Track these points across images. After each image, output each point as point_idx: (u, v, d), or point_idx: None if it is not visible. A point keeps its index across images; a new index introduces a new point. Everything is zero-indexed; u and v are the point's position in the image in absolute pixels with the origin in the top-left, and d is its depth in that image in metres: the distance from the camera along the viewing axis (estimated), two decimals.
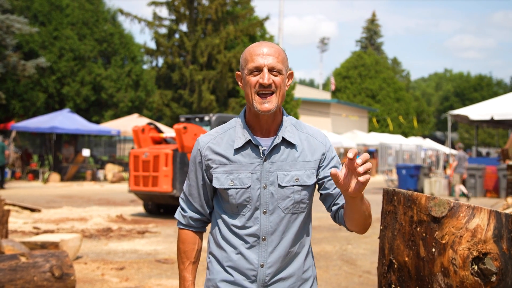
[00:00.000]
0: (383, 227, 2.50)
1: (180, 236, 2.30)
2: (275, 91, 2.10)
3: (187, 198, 2.30)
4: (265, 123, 2.17)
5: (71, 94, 29.78)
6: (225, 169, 2.16)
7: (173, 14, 35.35)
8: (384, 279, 2.51)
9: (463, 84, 76.31)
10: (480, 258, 2.17)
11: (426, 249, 2.27)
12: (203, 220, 2.30)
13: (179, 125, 11.95)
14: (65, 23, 30.49)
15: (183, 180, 12.03)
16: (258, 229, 2.14)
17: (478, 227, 2.18)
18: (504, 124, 23.09)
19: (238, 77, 2.22)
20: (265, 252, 2.14)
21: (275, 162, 2.15)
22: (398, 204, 2.38)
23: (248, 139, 2.15)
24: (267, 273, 2.14)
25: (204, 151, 2.20)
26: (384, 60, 63.98)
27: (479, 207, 2.18)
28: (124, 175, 25.32)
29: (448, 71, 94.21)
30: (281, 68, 2.11)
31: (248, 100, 2.14)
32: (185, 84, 34.07)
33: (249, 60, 2.12)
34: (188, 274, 2.26)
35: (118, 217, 12.06)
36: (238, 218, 2.16)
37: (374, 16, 71.39)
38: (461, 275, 2.18)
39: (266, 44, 2.15)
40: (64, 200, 15.87)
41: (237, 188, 2.14)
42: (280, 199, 2.14)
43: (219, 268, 2.19)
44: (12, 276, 4.62)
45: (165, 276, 6.59)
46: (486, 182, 19.41)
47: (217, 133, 2.24)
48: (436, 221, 2.25)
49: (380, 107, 53.37)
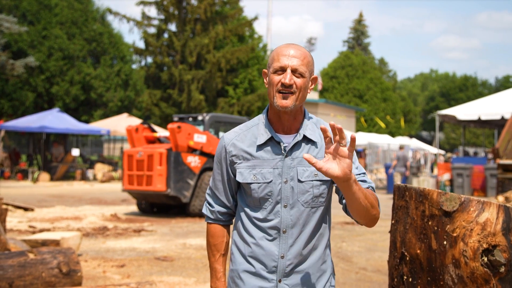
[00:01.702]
0: (395, 222, 2.62)
1: (209, 230, 2.42)
2: (295, 92, 2.18)
3: (213, 193, 2.42)
4: (286, 121, 2.27)
5: (60, 93, 29.71)
6: (248, 164, 2.27)
7: (162, 14, 35.34)
8: (396, 271, 2.63)
9: (448, 85, 76.92)
10: (490, 250, 2.26)
11: (438, 241, 2.36)
12: (230, 213, 2.42)
13: (173, 125, 12.03)
14: (54, 22, 30.39)
15: (177, 179, 12.12)
16: (279, 222, 2.24)
17: (487, 221, 2.28)
18: (491, 124, 23.43)
19: (264, 75, 2.31)
20: (285, 244, 2.24)
21: (295, 158, 2.25)
22: (410, 199, 2.49)
23: (270, 136, 2.26)
24: (287, 264, 2.24)
25: (228, 147, 2.32)
26: (371, 60, 64.33)
27: (488, 201, 2.30)
28: (114, 174, 25.33)
29: (434, 71, 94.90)
30: (304, 71, 2.20)
31: (270, 97, 2.25)
32: (174, 83, 34.09)
33: (275, 59, 2.22)
34: (219, 266, 2.38)
35: (113, 216, 12.13)
36: (260, 211, 2.26)
37: (361, 17, 71.71)
38: (471, 266, 2.28)
39: (294, 47, 2.24)
40: (55, 200, 15.89)
41: (259, 182, 2.24)
42: (300, 194, 2.24)
43: (242, 259, 2.30)
44: (21, 272, 4.70)
45: (165, 273, 6.69)
46: (474, 181, 19.67)
47: (241, 130, 2.35)
48: (447, 215, 2.34)
49: (368, 107, 53.68)
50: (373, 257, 8.01)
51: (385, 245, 9.08)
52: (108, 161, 28.95)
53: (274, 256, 2.24)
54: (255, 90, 34.76)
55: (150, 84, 35.43)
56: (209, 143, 12.67)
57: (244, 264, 2.29)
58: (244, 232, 2.31)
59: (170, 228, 10.65)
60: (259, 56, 36.12)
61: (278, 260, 2.24)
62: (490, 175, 18.51)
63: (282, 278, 2.25)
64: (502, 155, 10.83)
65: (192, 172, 12.40)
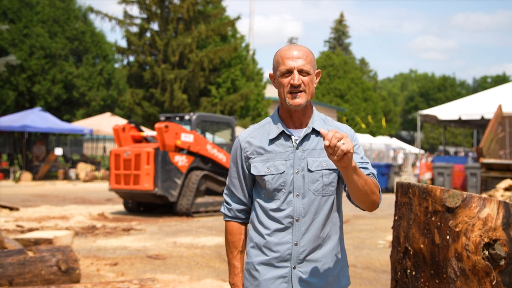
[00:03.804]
0: (398, 218, 2.73)
1: (227, 228, 2.54)
2: (304, 89, 2.36)
3: (230, 191, 2.54)
4: (297, 118, 2.44)
5: (42, 92, 29.47)
6: (262, 158, 2.42)
7: (144, 13, 35.20)
8: (399, 265, 2.74)
9: (427, 85, 77.75)
10: (490, 244, 2.37)
11: (441, 236, 2.47)
12: (246, 210, 2.54)
13: (160, 124, 12.09)
14: (35, 20, 30.12)
15: (165, 178, 12.18)
16: (292, 211, 2.37)
17: (488, 216, 2.40)
18: (471, 124, 23.84)
19: (272, 78, 2.48)
20: (299, 232, 2.37)
21: (306, 150, 2.40)
22: (413, 196, 2.61)
23: (281, 130, 2.42)
24: (301, 251, 2.36)
25: (243, 144, 2.48)
26: (352, 60, 64.77)
27: (489, 198, 2.42)
28: (97, 174, 25.23)
29: (413, 71, 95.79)
30: (309, 69, 2.37)
31: (280, 98, 2.42)
32: (156, 83, 33.99)
33: (280, 63, 2.38)
34: (237, 262, 2.50)
35: (100, 215, 12.15)
36: (274, 201, 2.40)
37: (342, 17, 72.13)
38: (473, 260, 2.39)
39: (296, 47, 2.40)
40: (39, 199, 15.82)
41: (273, 174, 2.39)
42: (311, 183, 2.38)
43: (257, 251, 2.42)
44: (21, 270, 4.76)
45: (159, 271, 6.76)
46: (454, 180, 19.99)
47: (254, 128, 2.52)
48: (450, 211, 2.46)
49: (349, 106, 54.06)
50: (361, 255, 8.17)
51: (372, 243, 9.25)
52: (90, 161, 28.81)
53: (288, 244, 2.36)
54: (238, 90, 34.81)
55: (132, 84, 35.26)
56: (196, 143, 12.75)
57: (260, 256, 2.41)
58: (258, 224, 2.43)
59: (158, 227, 10.71)
60: (242, 56, 36.19)
61: (292, 248, 2.36)
62: (470, 174, 18.84)
63: (296, 265, 2.36)
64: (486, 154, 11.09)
65: (180, 171, 12.46)
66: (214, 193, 13.51)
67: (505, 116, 12.47)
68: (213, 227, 10.96)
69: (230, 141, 14.61)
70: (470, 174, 18.82)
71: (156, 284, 4.49)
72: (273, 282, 2.37)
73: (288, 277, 2.36)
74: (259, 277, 2.39)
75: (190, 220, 12.07)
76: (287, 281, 2.36)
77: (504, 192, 9.19)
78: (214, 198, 13.31)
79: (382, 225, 11.45)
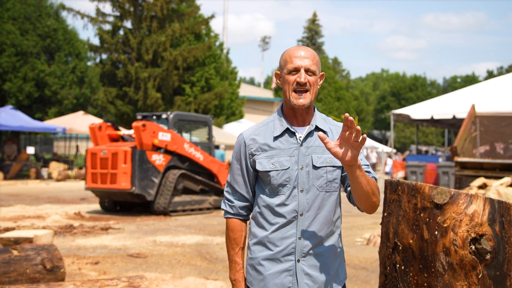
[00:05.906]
0: (387, 214, 2.82)
1: (229, 225, 2.59)
2: (309, 89, 2.45)
3: (232, 188, 2.60)
4: (300, 116, 2.52)
5: (13, 90, 29.06)
6: (267, 155, 2.49)
7: (117, 11, 34.88)
8: (388, 260, 2.83)
9: (399, 84, 78.54)
10: (477, 239, 2.47)
11: (430, 232, 2.57)
12: (248, 207, 2.60)
13: (138, 123, 12.06)
14: (6, 17, 29.68)
15: (142, 177, 12.16)
16: (296, 205, 2.45)
17: (475, 212, 2.50)
18: (442, 123, 24.29)
19: (277, 76, 2.57)
20: (302, 226, 2.45)
21: (309, 146, 2.49)
22: (402, 193, 2.70)
23: (286, 128, 2.50)
24: (305, 244, 2.44)
25: (248, 141, 2.54)
26: (325, 59, 65.16)
27: (476, 195, 2.53)
28: (70, 173, 24.98)
29: (385, 71, 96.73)
30: (315, 70, 2.47)
31: (285, 96, 2.50)
32: (130, 81, 33.73)
33: (288, 61, 2.48)
34: (238, 259, 2.56)
35: (76, 215, 12.07)
36: (278, 197, 2.47)
37: (315, 16, 72.47)
38: (460, 254, 2.49)
39: (303, 48, 2.50)
40: (12, 199, 15.62)
41: (278, 170, 2.46)
42: (315, 179, 2.47)
43: (261, 247, 2.49)
44: (6, 269, 4.74)
45: (141, 270, 6.78)
46: (427, 179, 20.34)
47: (258, 126, 2.59)
48: (438, 208, 2.56)
49: (322, 106, 54.40)
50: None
51: (350, 241, 9.37)
52: (63, 160, 28.49)
53: (292, 238, 2.44)
54: (212, 89, 34.77)
55: (105, 82, 34.94)
56: (174, 141, 12.75)
57: (264, 252, 2.48)
58: (262, 219, 2.50)
59: (137, 226, 10.70)
60: (216, 55, 36.16)
61: (296, 241, 2.44)
62: (442, 173, 19.23)
63: (300, 258, 2.45)
64: (460, 153, 11.34)
65: (157, 170, 12.45)
66: (191, 192, 13.53)
67: (478, 116, 12.76)
68: (191, 225, 10.99)
69: (207, 140, 14.64)
70: (442, 172, 19.20)
71: (145, 282, 4.52)
72: (278, 276, 2.45)
73: (293, 270, 2.44)
74: (264, 272, 2.46)
75: (168, 219, 12.08)
76: (291, 274, 2.44)
77: (478, 190, 9.40)
78: (192, 197, 13.33)
79: (359, 223, 11.61)
